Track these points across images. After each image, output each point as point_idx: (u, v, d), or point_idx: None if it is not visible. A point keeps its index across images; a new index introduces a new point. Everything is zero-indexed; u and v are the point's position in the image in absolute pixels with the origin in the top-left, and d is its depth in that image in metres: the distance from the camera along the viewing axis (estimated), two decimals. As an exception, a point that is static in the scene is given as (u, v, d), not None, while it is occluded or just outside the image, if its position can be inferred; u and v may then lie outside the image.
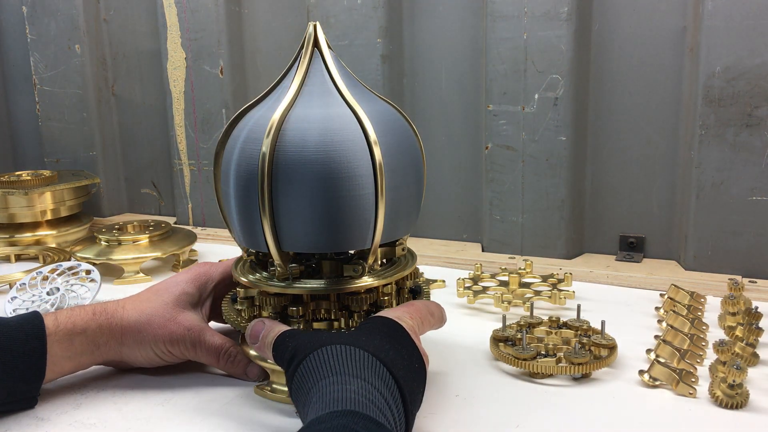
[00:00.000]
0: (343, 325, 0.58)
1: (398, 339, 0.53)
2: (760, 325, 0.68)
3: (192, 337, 0.62)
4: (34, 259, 1.08)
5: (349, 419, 0.41)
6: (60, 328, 0.58)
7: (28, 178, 1.15)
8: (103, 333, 0.60)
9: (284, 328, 0.55)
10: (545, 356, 0.64)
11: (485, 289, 0.83)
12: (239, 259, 0.65)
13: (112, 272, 0.97)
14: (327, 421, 0.41)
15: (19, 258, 1.09)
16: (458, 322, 0.77)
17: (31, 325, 0.58)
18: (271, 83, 0.75)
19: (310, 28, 0.60)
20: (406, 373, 0.50)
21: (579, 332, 0.68)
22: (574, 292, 0.81)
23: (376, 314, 0.56)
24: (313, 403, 0.45)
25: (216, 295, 0.67)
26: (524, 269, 0.87)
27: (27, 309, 0.82)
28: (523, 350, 0.63)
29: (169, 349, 0.62)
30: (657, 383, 0.60)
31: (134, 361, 0.63)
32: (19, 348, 0.56)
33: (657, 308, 0.78)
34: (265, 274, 0.61)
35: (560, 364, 0.62)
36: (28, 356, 0.57)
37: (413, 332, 0.54)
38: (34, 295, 0.84)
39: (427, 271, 0.92)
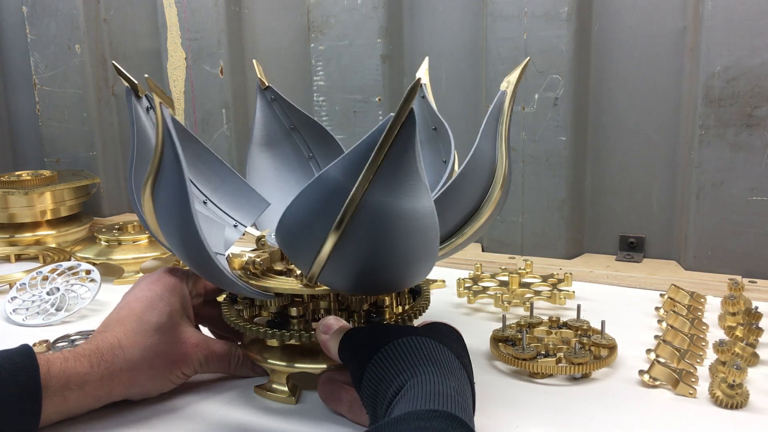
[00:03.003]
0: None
1: (466, 350, 0.53)
2: (760, 325, 0.68)
3: (202, 352, 0.60)
4: (34, 259, 1.08)
5: (448, 423, 0.40)
6: (52, 383, 0.51)
7: (28, 178, 1.15)
8: (105, 384, 0.54)
9: (352, 326, 0.55)
10: (545, 356, 0.64)
11: (485, 289, 0.83)
12: None
13: (112, 272, 0.97)
14: (426, 420, 0.40)
15: (19, 258, 1.09)
16: (458, 322, 0.77)
17: (25, 376, 0.50)
18: (271, 83, 0.75)
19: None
20: (473, 379, 0.50)
21: (579, 332, 0.68)
22: (574, 292, 0.81)
23: (434, 322, 0.56)
24: (408, 387, 0.44)
25: (193, 299, 0.64)
26: (524, 269, 0.86)
27: (27, 309, 0.82)
28: (523, 350, 0.63)
29: (183, 371, 0.59)
30: (657, 383, 0.60)
31: (143, 395, 0.58)
32: (12, 397, 0.50)
33: (657, 308, 0.78)
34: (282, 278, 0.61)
35: (560, 364, 0.62)
36: (20, 407, 0.50)
37: None
38: (34, 295, 0.84)
39: (427, 271, 0.92)
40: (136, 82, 0.56)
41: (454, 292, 0.84)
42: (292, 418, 0.57)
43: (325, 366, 0.58)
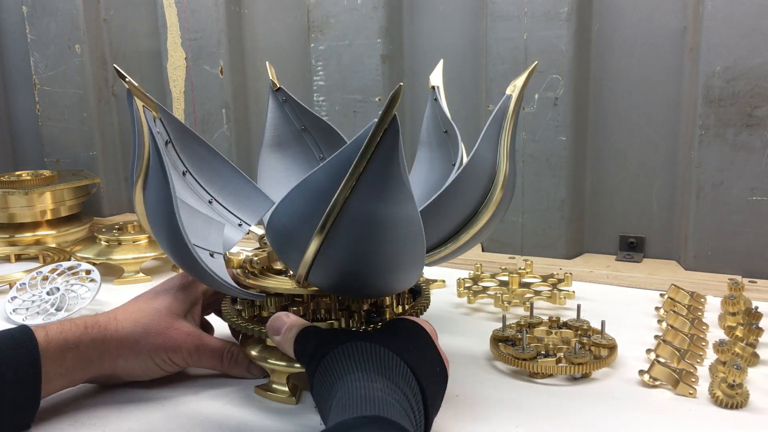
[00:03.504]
0: (343, 325, 0.58)
1: (421, 341, 0.53)
2: (760, 325, 0.68)
3: (193, 341, 0.61)
4: (34, 259, 1.08)
5: (378, 427, 0.40)
6: (51, 344, 0.55)
7: (28, 178, 1.15)
8: (96, 347, 0.57)
9: (307, 323, 0.55)
10: (545, 356, 0.64)
11: (485, 289, 0.83)
12: None
13: (112, 272, 0.97)
14: (355, 428, 0.40)
15: (19, 258, 1.09)
16: (458, 322, 0.77)
17: (25, 350, 0.54)
18: (270, 83, 0.75)
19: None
20: (428, 375, 0.50)
21: (579, 332, 0.68)
22: (574, 292, 0.81)
23: (397, 319, 0.56)
24: (337, 399, 0.44)
25: (204, 302, 0.66)
26: (524, 269, 0.86)
27: (27, 309, 0.82)
28: (523, 350, 0.63)
29: (170, 356, 0.60)
30: (657, 383, 0.60)
31: (129, 374, 0.60)
32: (12, 376, 0.52)
33: (657, 308, 0.78)
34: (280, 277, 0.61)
35: (560, 364, 0.62)
36: (21, 383, 0.53)
37: (434, 335, 0.55)
38: (34, 295, 0.84)
39: (427, 271, 0.92)
40: (136, 84, 0.57)
41: (454, 292, 0.84)
42: (292, 418, 0.57)
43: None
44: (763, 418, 0.55)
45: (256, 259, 0.61)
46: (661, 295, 0.82)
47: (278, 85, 0.73)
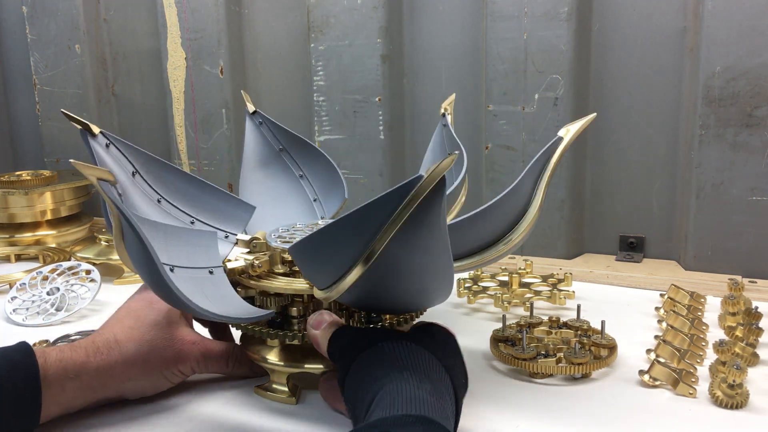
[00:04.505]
0: (343, 325, 0.58)
1: (453, 348, 0.53)
2: (760, 325, 0.68)
3: (199, 349, 0.60)
4: (34, 259, 1.08)
5: (423, 427, 0.40)
6: (49, 372, 0.52)
7: (28, 178, 1.15)
8: (101, 375, 0.55)
9: (344, 323, 0.55)
10: (545, 356, 0.64)
11: (485, 289, 0.83)
12: None
13: (112, 272, 0.97)
14: (401, 426, 0.40)
15: (19, 258, 1.09)
16: (458, 322, 0.77)
17: (23, 374, 0.51)
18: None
19: None
20: (459, 383, 0.50)
21: (579, 332, 0.68)
22: (574, 292, 0.81)
23: (426, 323, 0.56)
24: (383, 394, 0.44)
25: None
26: (524, 269, 0.87)
27: (27, 309, 0.82)
28: (523, 350, 0.63)
29: (180, 369, 0.59)
30: (657, 383, 0.60)
31: (138, 393, 0.58)
32: (10, 396, 0.51)
33: (657, 308, 0.78)
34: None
35: (560, 364, 0.62)
36: (19, 405, 0.51)
37: None
38: (34, 295, 0.84)
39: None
40: (88, 123, 0.56)
41: (454, 292, 0.84)
42: (292, 418, 0.57)
43: (323, 366, 0.58)
44: (763, 418, 0.55)
45: (257, 263, 0.61)
46: (661, 295, 0.82)
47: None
